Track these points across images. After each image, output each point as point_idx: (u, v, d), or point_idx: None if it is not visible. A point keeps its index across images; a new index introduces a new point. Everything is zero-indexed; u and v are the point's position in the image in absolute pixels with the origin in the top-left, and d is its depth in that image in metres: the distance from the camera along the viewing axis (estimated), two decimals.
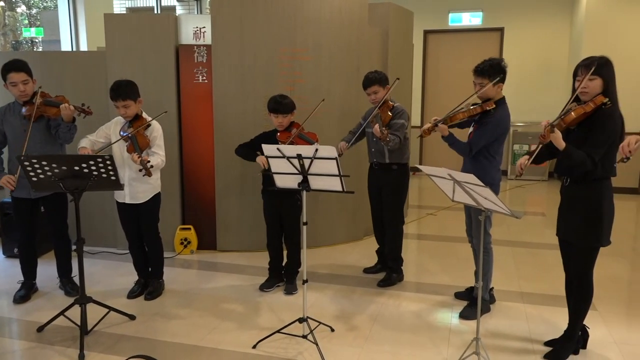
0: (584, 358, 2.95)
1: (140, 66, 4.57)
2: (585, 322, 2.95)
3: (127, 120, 3.56)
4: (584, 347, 3.01)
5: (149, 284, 3.86)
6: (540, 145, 2.66)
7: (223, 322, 3.41)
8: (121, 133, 3.53)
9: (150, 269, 3.90)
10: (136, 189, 3.64)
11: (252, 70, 4.58)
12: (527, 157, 2.77)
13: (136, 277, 3.92)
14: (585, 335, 3.02)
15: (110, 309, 3.37)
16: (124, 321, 3.39)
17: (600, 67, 2.61)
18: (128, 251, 3.95)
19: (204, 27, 4.68)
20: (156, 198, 3.74)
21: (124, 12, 9.76)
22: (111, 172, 2.98)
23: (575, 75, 2.72)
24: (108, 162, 2.92)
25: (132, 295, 3.80)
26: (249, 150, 3.81)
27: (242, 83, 4.59)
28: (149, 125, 3.56)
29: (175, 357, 2.96)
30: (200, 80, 4.64)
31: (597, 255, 2.78)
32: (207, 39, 4.65)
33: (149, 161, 3.40)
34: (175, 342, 3.13)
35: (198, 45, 4.62)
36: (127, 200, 3.66)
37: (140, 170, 3.37)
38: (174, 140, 4.65)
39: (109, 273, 4.31)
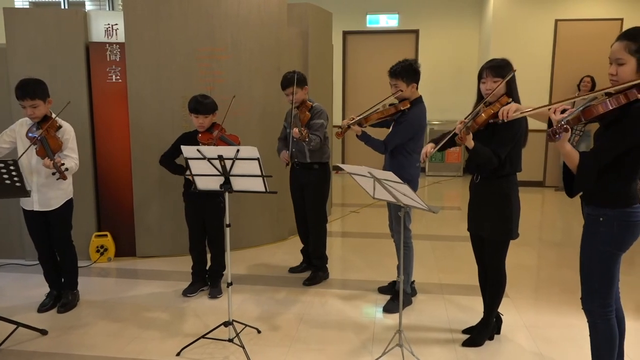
0: (498, 343, 3.12)
1: (47, 65, 4.29)
2: (499, 309, 3.13)
3: (34, 121, 3.34)
4: (498, 332, 3.20)
5: (62, 296, 3.64)
6: (445, 140, 2.78)
7: (145, 331, 3.28)
8: (29, 135, 3.30)
9: (63, 280, 3.67)
10: (46, 195, 3.42)
11: (169, 69, 4.44)
12: (432, 145, 2.86)
13: (48, 289, 3.68)
14: (499, 322, 3.20)
15: (18, 324, 3.13)
16: (35, 337, 3.17)
17: (502, 69, 2.77)
18: (38, 262, 3.70)
19: (117, 24, 4.48)
20: (68, 204, 3.54)
21: (27, 6, 9.12)
22: (16, 178, 2.78)
23: (480, 77, 2.87)
24: (12, 167, 2.72)
25: (43, 308, 3.56)
26: (171, 159, 3.70)
27: (158, 83, 4.44)
28: (60, 127, 3.36)
29: None
30: (114, 80, 4.44)
31: (508, 248, 2.95)
32: (120, 37, 4.46)
33: (63, 163, 3.21)
34: (92, 355, 2.97)
35: (110, 43, 4.42)
36: (37, 208, 3.43)
37: (53, 174, 3.17)
38: (86, 142, 4.41)
39: (17, 286, 4.02)
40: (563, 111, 2.14)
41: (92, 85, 4.44)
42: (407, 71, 3.36)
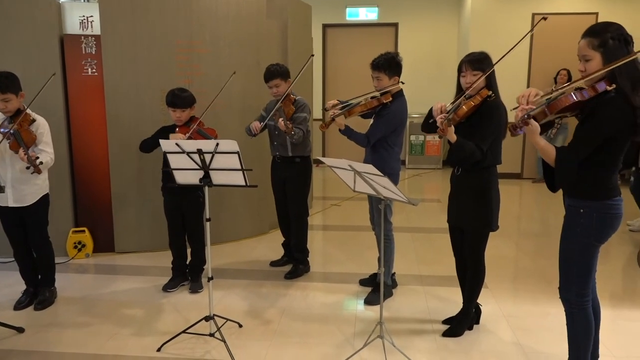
0: (477, 333, 3.17)
1: (19, 57, 4.20)
2: (478, 299, 3.17)
3: (7, 115, 3.26)
4: (477, 322, 3.24)
5: (39, 293, 3.58)
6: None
7: (124, 327, 3.25)
8: (1, 130, 3.22)
9: (39, 277, 3.61)
10: (21, 191, 3.35)
11: (146, 62, 4.38)
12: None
13: (24, 287, 3.62)
14: (478, 312, 3.25)
15: None
16: (11, 335, 3.12)
17: (482, 62, 2.80)
18: (13, 259, 3.63)
19: (92, 16, 4.40)
20: (44, 200, 3.47)
21: None
22: None
23: (459, 70, 2.89)
24: None
25: (19, 306, 3.50)
26: (153, 140, 3.64)
27: (135, 76, 4.37)
28: (33, 121, 3.29)
29: None
30: (90, 73, 4.36)
31: (487, 239, 2.99)
32: (96, 29, 4.38)
33: (37, 157, 3.15)
34: (71, 353, 2.93)
35: (86, 35, 4.33)
36: (11, 204, 3.35)
37: (27, 168, 3.11)
38: (62, 136, 4.33)
39: None
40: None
41: (67, 78, 4.35)
42: (389, 64, 3.37)
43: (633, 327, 3.26)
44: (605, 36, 2.10)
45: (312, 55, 3.75)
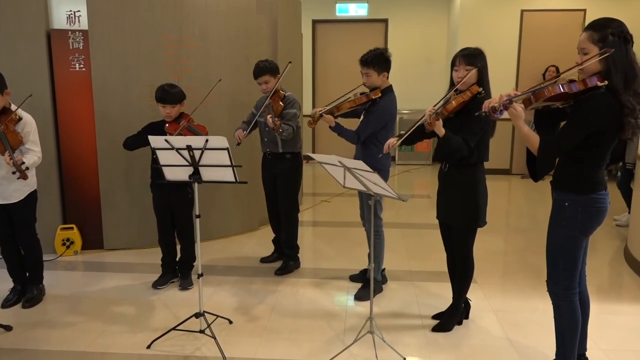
0: (467, 328, 3.19)
1: (5, 53, 4.14)
2: (468, 294, 3.19)
3: None
4: (467, 317, 3.27)
5: (27, 291, 3.55)
6: (412, 129, 2.81)
7: (114, 324, 3.23)
8: None
9: (27, 274, 3.58)
10: (8, 188, 3.31)
11: (135, 57, 4.34)
12: (396, 138, 2.91)
13: (11, 284, 3.58)
14: (467, 307, 3.27)
15: None
16: None
17: (475, 58, 2.81)
18: (0, 256, 3.59)
19: (79, 11, 4.35)
20: (31, 196, 3.43)
21: None
22: None
23: (453, 64, 2.90)
24: None
25: (7, 304, 3.47)
26: (138, 137, 3.62)
27: (124, 71, 4.33)
28: (20, 119, 3.24)
29: None
30: (77, 68, 4.32)
31: (475, 235, 3.01)
32: (83, 24, 4.33)
33: (23, 162, 3.10)
34: (60, 351, 2.91)
35: (73, 30, 4.28)
36: None
37: (14, 173, 3.06)
38: (49, 133, 4.29)
39: None
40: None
41: (54, 74, 4.30)
42: (378, 60, 3.37)
43: (619, 320, 3.30)
44: (605, 31, 2.12)
45: (290, 63, 3.76)
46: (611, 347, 2.94)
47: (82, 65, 4.32)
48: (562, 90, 2.14)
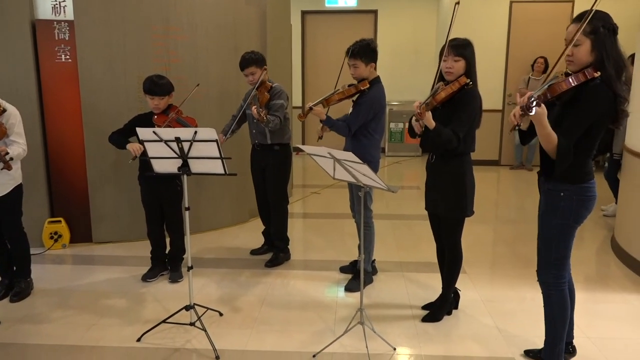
0: (456, 317, 3.22)
1: None
2: (457, 284, 3.21)
3: None
4: (456, 307, 3.29)
5: (15, 285, 3.52)
6: (420, 121, 2.80)
7: (103, 317, 3.22)
8: None
9: (15, 268, 3.54)
10: None
11: (122, 48, 4.28)
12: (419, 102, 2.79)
13: None
14: (456, 297, 3.29)
15: None
16: None
17: (464, 48, 2.81)
18: None
19: (64, 1, 4.27)
20: (17, 190, 3.39)
21: None
22: None
23: (441, 55, 2.90)
24: None
25: None
26: (121, 136, 3.58)
27: (111, 63, 4.28)
28: (4, 110, 3.20)
29: None
30: (64, 60, 4.26)
31: (463, 225, 3.03)
32: (69, 14, 4.26)
33: (7, 153, 3.06)
34: (49, 345, 2.90)
35: (58, 20, 4.22)
36: None
37: None
38: (35, 125, 4.23)
39: None
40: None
41: (40, 65, 4.24)
42: (365, 51, 3.36)
43: (606, 309, 3.34)
44: (597, 23, 2.14)
45: (265, 69, 3.76)
46: (598, 335, 2.98)
47: (68, 57, 4.26)
48: (573, 84, 2.16)
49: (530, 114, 2.10)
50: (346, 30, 9.16)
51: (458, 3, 2.69)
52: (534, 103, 2.05)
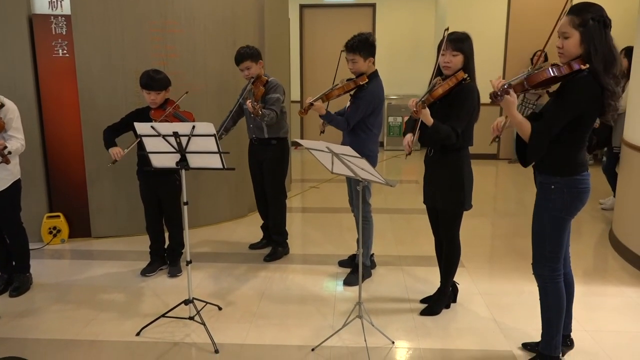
0: (454, 311, 3.23)
1: None
2: (455, 278, 3.22)
3: None
4: (455, 301, 3.30)
5: (14, 280, 3.52)
6: (420, 121, 2.80)
7: (102, 312, 3.22)
8: None
9: (14, 263, 3.55)
10: None
11: (119, 43, 4.27)
12: (411, 135, 2.88)
13: None
14: (455, 290, 3.30)
15: None
16: None
17: (462, 42, 2.80)
18: None
19: None
20: (15, 185, 3.39)
21: None
22: None
23: (440, 48, 2.89)
24: None
25: None
26: (112, 135, 3.56)
27: (109, 57, 4.27)
28: (2, 106, 3.19)
29: (49, 355, 2.75)
30: (61, 54, 4.24)
31: (461, 218, 3.03)
32: (66, 9, 4.24)
33: (5, 147, 3.06)
34: (48, 339, 2.90)
35: (55, 15, 4.20)
36: None
37: None
38: (33, 120, 4.23)
39: None
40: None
41: (37, 60, 4.23)
42: (364, 45, 3.35)
43: (604, 302, 3.36)
44: (586, 16, 2.15)
45: (252, 78, 3.75)
46: (596, 328, 2.99)
47: (65, 51, 4.25)
48: (552, 74, 2.18)
49: (500, 101, 2.15)
50: (344, 24, 9.13)
51: (447, 29, 2.72)
52: (503, 90, 2.11)
